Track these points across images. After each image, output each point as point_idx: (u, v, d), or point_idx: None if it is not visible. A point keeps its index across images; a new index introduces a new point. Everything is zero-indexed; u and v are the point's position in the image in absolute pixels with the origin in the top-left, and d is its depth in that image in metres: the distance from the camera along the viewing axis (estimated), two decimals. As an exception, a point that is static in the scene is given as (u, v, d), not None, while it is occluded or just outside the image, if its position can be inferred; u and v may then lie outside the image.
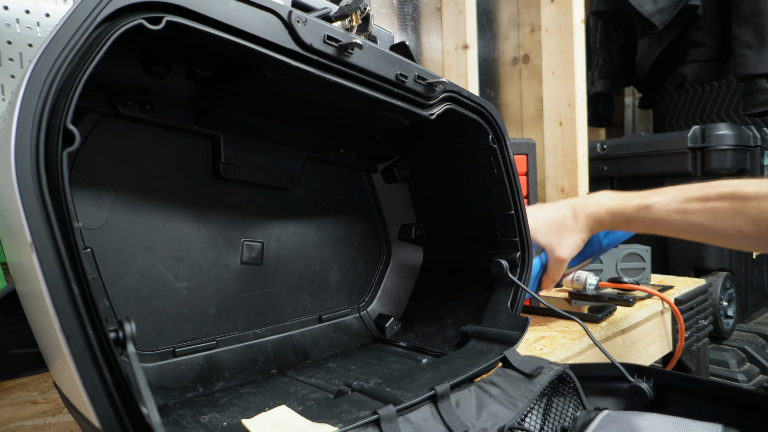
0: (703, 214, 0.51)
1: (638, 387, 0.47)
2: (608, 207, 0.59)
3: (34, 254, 0.24)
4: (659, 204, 0.55)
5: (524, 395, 0.44)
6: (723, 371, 1.26)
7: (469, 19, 1.32)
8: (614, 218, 0.59)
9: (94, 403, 0.25)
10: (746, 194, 0.49)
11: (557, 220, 0.64)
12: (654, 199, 0.56)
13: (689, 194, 0.53)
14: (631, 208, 0.57)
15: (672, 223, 0.53)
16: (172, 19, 0.31)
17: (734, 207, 0.49)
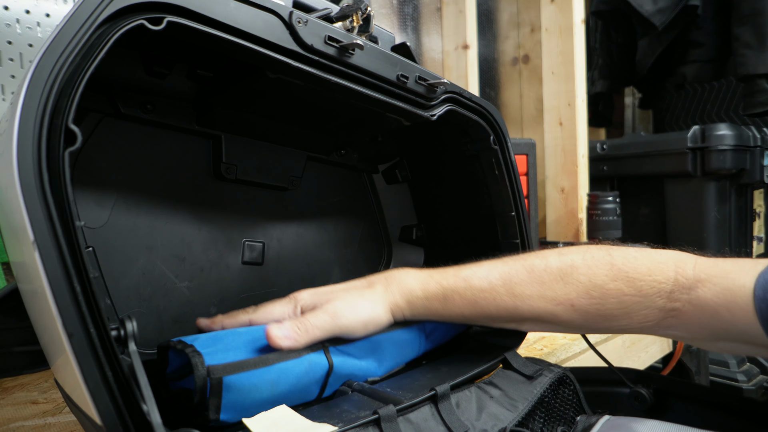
0: (530, 285, 0.42)
1: (638, 392, 0.47)
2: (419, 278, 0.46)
3: (37, 252, 0.24)
4: (478, 275, 0.44)
5: (524, 397, 0.44)
6: (723, 371, 1.26)
7: (469, 19, 1.32)
8: (427, 292, 0.45)
9: (96, 400, 0.25)
10: (574, 263, 0.42)
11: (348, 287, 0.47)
12: (470, 271, 0.45)
13: (512, 264, 0.45)
14: (446, 281, 0.45)
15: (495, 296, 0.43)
16: (173, 20, 0.31)
17: (564, 277, 0.41)
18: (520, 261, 0.44)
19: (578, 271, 0.41)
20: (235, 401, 0.35)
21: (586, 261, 0.42)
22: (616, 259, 0.41)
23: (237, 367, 0.35)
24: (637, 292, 0.40)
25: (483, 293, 0.43)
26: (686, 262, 0.40)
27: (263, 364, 0.37)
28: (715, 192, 1.38)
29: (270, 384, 0.37)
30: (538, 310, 0.42)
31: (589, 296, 0.41)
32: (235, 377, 0.35)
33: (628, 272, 0.40)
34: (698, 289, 0.38)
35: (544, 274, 0.42)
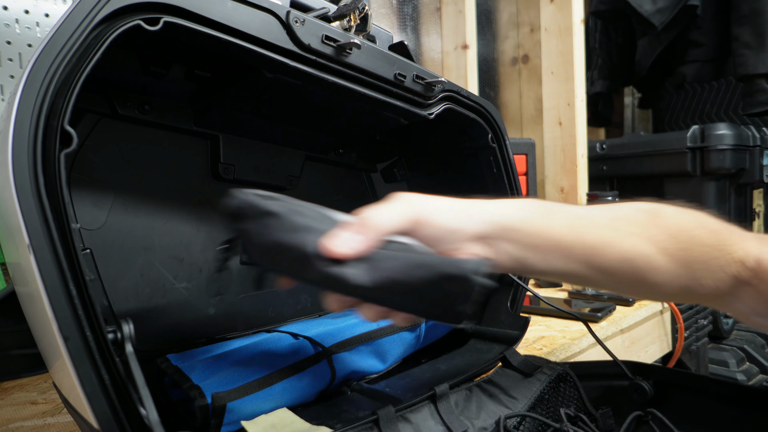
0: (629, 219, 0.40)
1: (638, 385, 0.47)
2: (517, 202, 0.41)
3: (32, 255, 0.24)
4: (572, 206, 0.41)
5: (524, 394, 0.44)
6: (722, 371, 1.26)
7: (469, 19, 1.32)
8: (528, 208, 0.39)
9: (92, 403, 0.25)
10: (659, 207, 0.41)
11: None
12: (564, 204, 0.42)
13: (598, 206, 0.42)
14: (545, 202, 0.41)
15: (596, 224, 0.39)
16: (170, 20, 0.31)
17: (652, 218, 0.40)
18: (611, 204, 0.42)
19: (665, 214, 0.40)
20: (237, 419, 0.35)
21: (670, 207, 0.41)
22: (698, 212, 0.40)
23: (241, 392, 0.35)
24: (719, 245, 0.38)
25: (584, 219, 0.39)
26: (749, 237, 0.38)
27: (267, 385, 0.37)
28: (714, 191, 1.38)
29: (272, 401, 0.38)
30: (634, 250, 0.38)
31: (677, 239, 0.39)
32: (238, 402, 0.35)
33: (711, 223, 0.39)
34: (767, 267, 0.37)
35: (634, 213, 0.40)
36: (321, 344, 0.43)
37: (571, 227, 0.38)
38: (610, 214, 0.40)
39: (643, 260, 0.38)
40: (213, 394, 0.34)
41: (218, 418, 0.34)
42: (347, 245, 0.32)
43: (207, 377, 0.36)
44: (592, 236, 0.38)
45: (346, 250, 0.32)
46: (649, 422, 0.45)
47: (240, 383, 0.36)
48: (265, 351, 0.41)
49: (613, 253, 0.38)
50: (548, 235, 0.38)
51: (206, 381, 0.36)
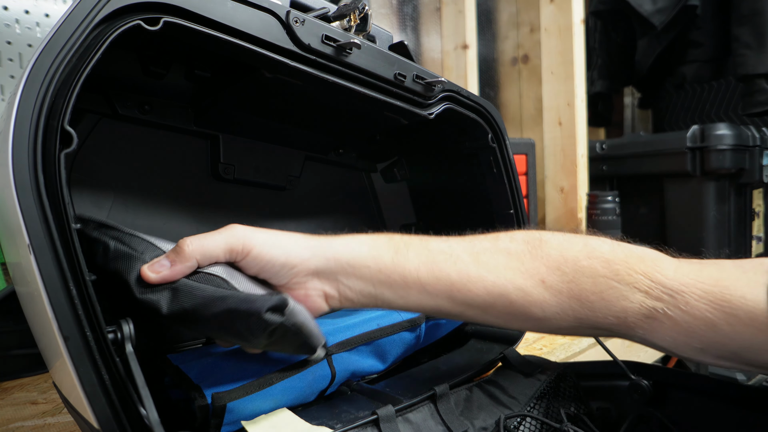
0: (496, 254, 0.37)
1: (638, 384, 0.47)
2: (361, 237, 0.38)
3: (32, 256, 0.24)
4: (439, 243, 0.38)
5: (524, 394, 0.44)
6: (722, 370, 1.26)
7: (469, 19, 1.32)
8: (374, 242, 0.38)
9: (92, 403, 0.25)
10: (542, 238, 0.37)
11: None
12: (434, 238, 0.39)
13: (475, 237, 0.39)
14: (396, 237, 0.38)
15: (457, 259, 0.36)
16: (170, 20, 0.31)
17: (532, 249, 0.37)
18: (482, 236, 0.39)
19: (549, 245, 0.37)
20: (237, 419, 0.35)
21: (556, 237, 0.37)
22: (590, 240, 0.37)
23: (241, 392, 0.35)
24: (613, 275, 0.35)
25: (443, 254, 0.37)
26: (665, 262, 0.36)
27: (267, 385, 0.37)
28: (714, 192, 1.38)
29: (272, 401, 0.38)
30: (506, 283, 0.36)
31: (561, 272, 0.36)
32: (238, 402, 0.35)
33: (604, 253, 0.36)
34: (686, 295, 0.33)
35: (510, 244, 0.37)
36: None
37: (428, 263, 0.36)
38: (478, 247, 0.37)
39: (518, 294, 0.36)
40: (213, 394, 0.34)
41: (218, 418, 0.34)
42: (155, 272, 0.32)
43: (207, 377, 0.36)
44: (453, 272, 0.36)
45: (153, 276, 0.32)
46: (648, 422, 0.45)
47: (240, 383, 0.36)
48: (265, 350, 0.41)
49: (479, 288, 0.36)
50: (401, 272, 0.36)
51: (206, 381, 0.36)
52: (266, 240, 0.35)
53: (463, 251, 0.37)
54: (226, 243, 0.34)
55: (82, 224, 0.33)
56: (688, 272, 0.34)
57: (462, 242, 0.38)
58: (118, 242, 0.34)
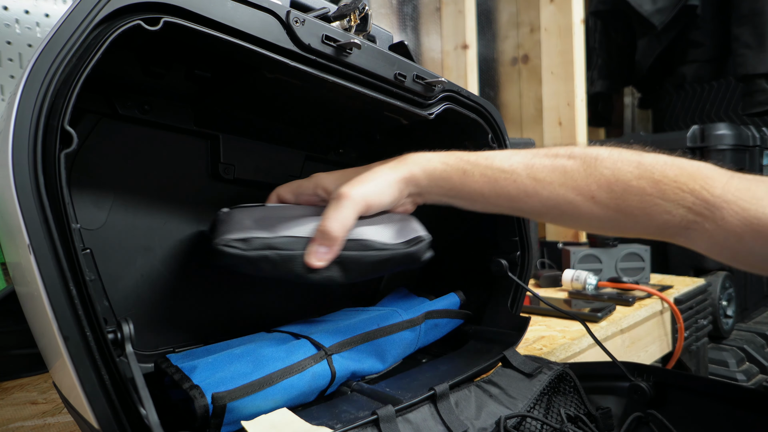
0: (553, 171, 0.41)
1: (638, 386, 0.47)
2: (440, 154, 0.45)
3: (32, 256, 0.24)
4: (500, 156, 0.43)
5: (524, 394, 0.44)
6: (722, 371, 1.26)
7: (469, 19, 1.32)
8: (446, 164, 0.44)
9: (92, 403, 0.25)
10: (599, 155, 0.40)
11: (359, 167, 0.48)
12: (494, 151, 0.44)
13: (535, 151, 0.43)
14: (468, 155, 0.44)
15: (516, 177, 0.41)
16: (170, 20, 0.31)
17: (587, 167, 0.40)
18: (544, 149, 0.43)
19: (603, 164, 0.40)
20: (237, 418, 0.35)
21: (612, 155, 0.40)
22: (645, 159, 0.39)
23: (241, 392, 0.35)
24: (660, 194, 0.38)
25: (504, 173, 0.42)
26: (716, 179, 0.38)
27: (267, 385, 0.37)
28: (714, 191, 1.38)
29: (272, 401, 0.38)
30: (558, 198, 0.41)
31: (611, 190, 0.39)
32: (238, 402, 0.35)
33: (654, 173, 0.38)
34: (724, 210, 0.36)
35: (567, 162, 0.41)
36: (321, 344, 0.43)
37: (489, 182, 0.42)
38: (538, 165, 0.41)
39: (569, 207, 0.40)
40: (213, 394, 0.34)
41: (218, 418, 0.34)
42: (321, 259, 0.40)
43: (207, 377, 0.36)
44: (511, 188, 0.42)
45: (322, 263, 0.40)
46: (648, 423, 0.45)
47: (240, 383, 0.36)
48: (265, 351, 0.41)
49: (534, 201, 0.41)
50: (469, 190, 0.43)
51: (206, 381, 0.36)
52: (371, 191, 0.43)
53: (523, 169, 0.42)
54: (356, 212, 0.42)
55: (240, 250, 0.39)
56: (735, 189, 0.37)
57: (524, 158, 0.42)
58: (273, 250, 0.40)
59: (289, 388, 0.39)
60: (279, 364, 0.39)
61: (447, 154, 0.45)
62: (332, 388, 0.44)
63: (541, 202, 0.41)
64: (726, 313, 1.33)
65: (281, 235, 0.41)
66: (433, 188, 0.45)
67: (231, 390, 0.35)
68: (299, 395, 0.40)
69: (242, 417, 0.35)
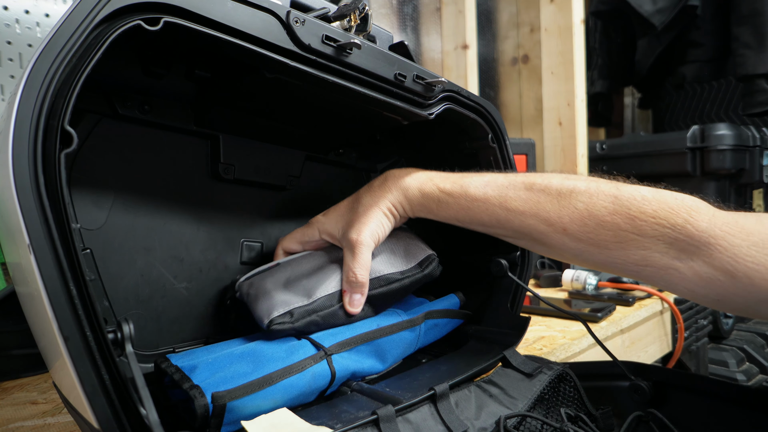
0: (525, 203, 0.41)
1: (638, 385, 0.47)
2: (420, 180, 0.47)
3: (32, 256, 0.24)
4: (475, 185, 0.44)
5: (524, 395, 0.44)
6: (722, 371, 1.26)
7: (469, 20, 1.32)
8: (424, 193, 0.46)
9: (93, 403, 0.25)
10: (575, 188, 0.39)
11: (348, 202, 0.51)
12: (471, 179, 0.45)
13: (512, 178, 0.43)
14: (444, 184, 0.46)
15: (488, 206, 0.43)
16: (170, 20, 0.31)
17: (560, 200, 0.40)
18: (521, 177, 0.43)
19: (577, 197, 0.39)
20: (237, 418, 0.35)
21: (589, 188, 0.39)
22: (622, 193, 0.38)
23: (241, 392, 0.35)
24: (635, 230, 0.37)
25: (476, 202, 0.44)
26: (701, 211, 0.36)
27: (267, 385, 0.37)
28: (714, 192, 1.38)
29: (272, 401, 0.38)
30: (529, 228, 0.41)
31: (583, 224, 0.39)
32: (238, 401, 0.35)
33: (630, 209, 0.37)
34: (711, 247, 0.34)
35: (541, 193, 0.41)
36: (321, 344, 0.43)
37: (463, 209, 0.45)
38: (509, 195, 0.43)
39: (540, 236, 0.42)
40: (213, 394, 0.34)
41: (218, 417, 0.34)
42: (359, 305, 0.47)
43: (207, 377, 0.36)
44: (484, 216, 0.44)
45: (357, 310, 0.47)
46: (649, 422, 0.45)
47: (240, 383, 0.36)
48: (265, 351, 0.41)
49: (506, 228, 0.44)
50: (445, 215, 0.47)
51: (206, 380, 0.36)
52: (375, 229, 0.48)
53: (496, 199, 0.43)
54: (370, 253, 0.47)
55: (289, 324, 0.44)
56: (723, 223, 0.35)
57: (498, 189, 0.44)
58: (316, 314, 0.45)
59: (289, 388, 0.39)
60: (279, 364, 0.39)
61: (425, 180, 0.48)
62: (332, 388, 0.44)
63: (513, 230, 0.43)
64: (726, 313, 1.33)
65: (317, 298, 0.46)
66: (416, 211, 0.49)
67: (231, 389, 0.35)
68: (299, 395, 0.40)
69: (242, 417, 0.35)
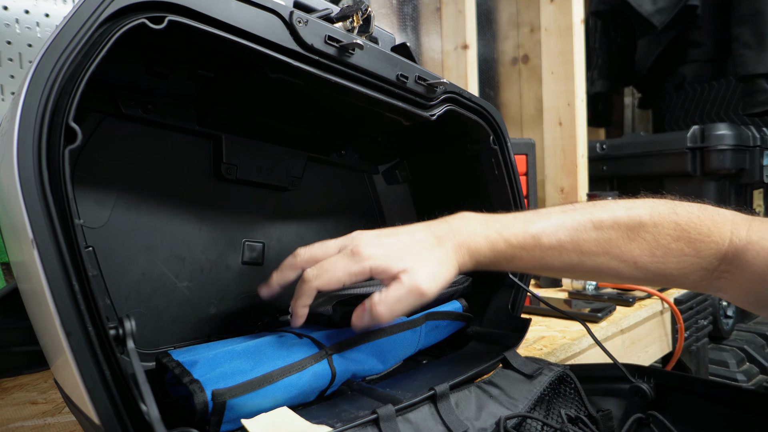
0: (597, 244, 0.42)
1: (639, 387, 0.47)
2: (487, 235, 0.43)
3: (35, 250, 0.24)
4: (548, 233, 0.42)
5: (524, 396, 0.44)
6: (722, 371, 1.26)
7: (469, 20, 1.32)
8: (495, 251, 0.42)
9: (94, 399, 0.25)
10: (641, 221, 0.42)
11: (416, 243, 0.42)
12: (539, 226, 0.43)
13: (580, 218, 0.43)
14: (515, 238, 0.43)
15: (562, 252, 0.42)
16: (174, 19, 0.31)
17: (630, 234, 0.42)
18: (588, 215, 0.43)
19: (645, 229, 0.42)
20: (237, 416, 0.35)
21: (653, 218, 0.42)
22: (681, 218, 0.41)
23: (241, 389, 0.35)
24: (696, 253, 0.40)
25: (551, 251, 0.43)
26: (740, 224, 0.40)
27: (267, 383, 0.37)
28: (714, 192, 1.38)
29: (272, 399, 0.38)
30: (602, 266, 0.43)
31: (652, 255, 0.41)
32: (239, 399, 0.35)
33: (690, 233, 0.40)
34: (748, 252, 0.38)
35: (611, 230, 0.42)
36: (322, 344, 0.43)
37: (536, 260, 0.43)
38: (581, 238, 0.43)
39: (611, 273, 0.43)
40: (213, 391, 0.34)
41: (218, 415, 0.34)
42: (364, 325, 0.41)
43: (207, 372, 0.36)
44: (557, 263, 0.43)
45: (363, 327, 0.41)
46: (649, 425, 0.45)
47: (240, 379, 0.36)
48: (266, 349, 0.41)
49: (579, 270, 0.44)
50: (514, 268, 0.45)
51: (206, 375, 0.36)
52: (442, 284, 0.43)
53: (569, 244, 0.43)
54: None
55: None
56: (757, 229, 0.39)
57: (569, 232, 0.43)
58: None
59: (289, 387, 0.39)
60: (279, 363, 0.39)
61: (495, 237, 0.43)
62: (332, 388, 0.44)
63: (585, 272, 0.44)
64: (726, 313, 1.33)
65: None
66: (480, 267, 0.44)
67: (231, 387, 0.35)
68: (299, 394, 0.40)
69: (242, 414, 0.35)
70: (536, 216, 0.44)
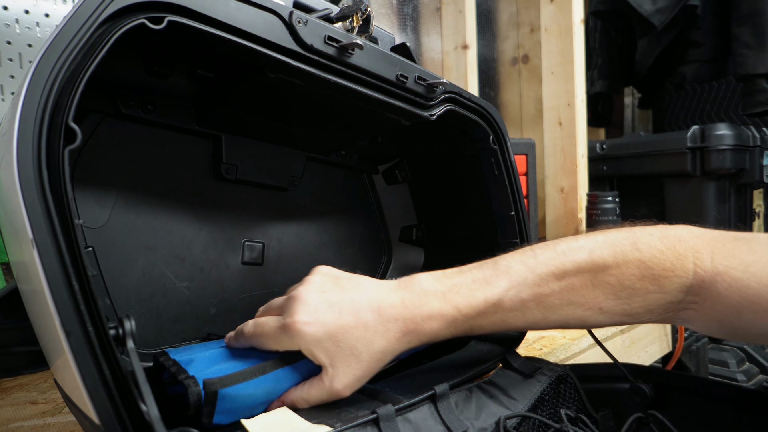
0: (561, 295, 0.40)
1: (639, 387, 0.47)
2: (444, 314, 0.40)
3: (35, 250, 0.24)
4: (509, 296, 0.40)
5: (524, 396, 0.44)
6: (722, 371, 1.26)
7: (469, 19, 1.33)
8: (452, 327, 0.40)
9: (93, 399, 0.25)
10: (605, 263, 0.40)
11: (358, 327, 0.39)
12: (500, 288, 0.40)
13: (541, 271, 0.41)
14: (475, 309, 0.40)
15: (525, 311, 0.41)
16: (174, 19, 0.31)
17: (593, 280, 0.40)
18: (550, 265, 0.41)
19: (608, 272, 0.40)
20: (230, 408, 0.35)
21: (616, 259, 0.40)
22: (644, 254, 0.40)
23: (233, 379, 0.35)
24: (660, 289, 0.39)
25: (513, 312, 0.41)
26: (703, 252, 0.39)
27: (260, 373, 0.37)
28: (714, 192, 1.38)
29: (264, 389, 0.37)
30: (567, 317, 0.42)
31: (617, 297, 0.40)
32: (231, 388, 0.35)
33: (654, 269, 0.39)
34: (717, 285, 0.37)
35: (574, 278, 0.41)
36: None
37: (497, 323, 0.42)
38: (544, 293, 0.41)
39: (577, 322, 0.42)
40: (204, 380, 0.34)
41: (210, 405, 0.34)
42: None
43: (203, 368, 0.36)
44: (520, 322, 0.42)
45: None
46: (649, 424, 0.45)
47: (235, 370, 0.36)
48: None
49: (542, 326, 0.43)
50: (476, 332, 0.43)
51: (202, 372, 0.36)
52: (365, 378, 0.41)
53: (532, 301, 0.41)
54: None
55: None
56: (722, 257, 0.38)
57: (532, 289, 0.41)
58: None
59: (283, 378, 0.38)
60: None
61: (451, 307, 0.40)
62: None
63: (549, 325, 0.43)
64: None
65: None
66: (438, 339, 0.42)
67: (222, 377, 0.35)
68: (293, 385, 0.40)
69: (236, 406, 0.35)
70: (496, 273, 0.41)
